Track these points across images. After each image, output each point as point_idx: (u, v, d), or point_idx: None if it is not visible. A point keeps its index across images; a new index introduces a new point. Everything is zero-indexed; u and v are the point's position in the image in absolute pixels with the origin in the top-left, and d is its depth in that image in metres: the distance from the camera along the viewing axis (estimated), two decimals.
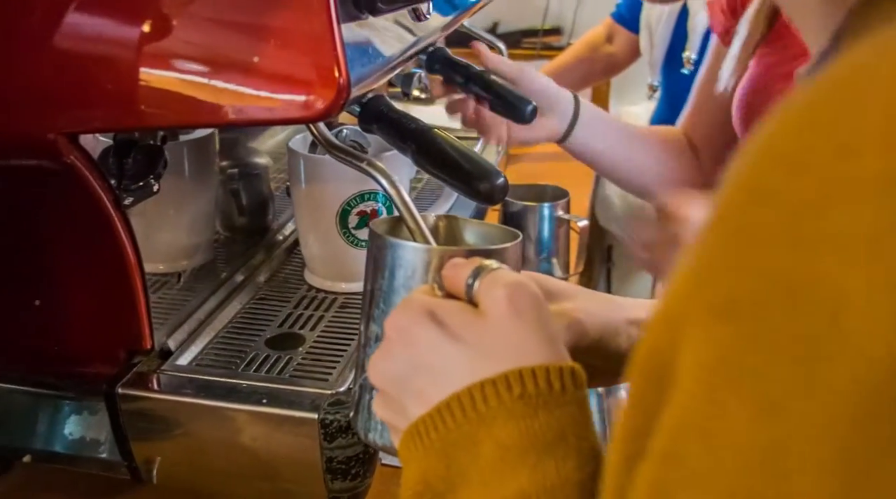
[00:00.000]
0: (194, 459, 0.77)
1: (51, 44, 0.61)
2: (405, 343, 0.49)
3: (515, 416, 0.44)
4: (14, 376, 0.84)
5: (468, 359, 0.46)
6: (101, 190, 0.69)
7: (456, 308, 0.48)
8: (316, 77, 0.57)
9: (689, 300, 0.26)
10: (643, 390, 0.29)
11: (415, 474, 0.47)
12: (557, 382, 0.45)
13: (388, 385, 0.49)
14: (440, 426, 0.45)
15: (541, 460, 0.42)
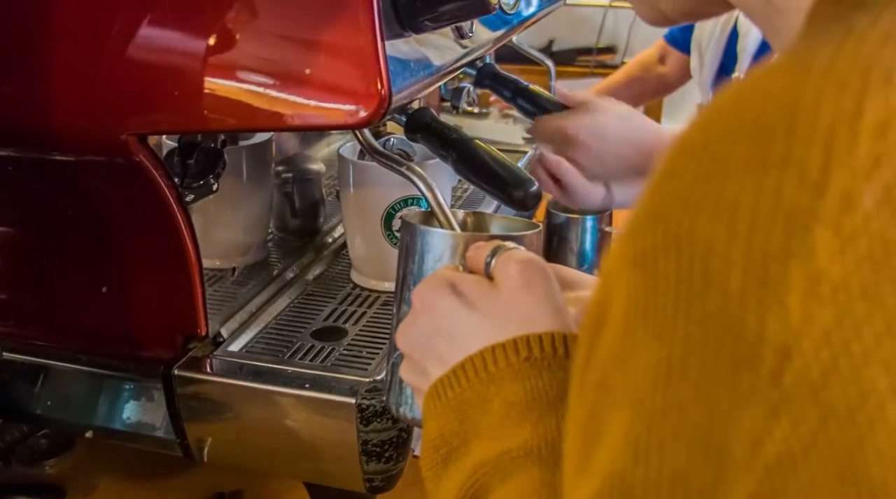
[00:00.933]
0: (242, 438, 0.83)
1: (126, 52, 0.68)
2: (428, 311, 0.55)
3: (521, 377, 0.49)
4: (80, 358, 0.91)
5: (482, 325, 0.52)
6: (165, 187, 0.76)
7: (473, 280, 0.55)
8: (360, 88, 0.63)
9: (617, 255, 0.31)
10: (587, 335, 0.34)
11: (433, 430, 0.52)
12: (562, 347, 0.50)
13: (413, 350, 0.56)
14: (455, 386, 0.51)
15: (543, 417, 0.48)
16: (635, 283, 0.30)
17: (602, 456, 0.30)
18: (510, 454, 0.48)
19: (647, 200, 0.31)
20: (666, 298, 0.28)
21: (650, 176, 0.31)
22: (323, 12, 0.64)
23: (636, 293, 0.30)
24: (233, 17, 0.65)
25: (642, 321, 0.29)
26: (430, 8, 0.68)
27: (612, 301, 0.31)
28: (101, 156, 0.74)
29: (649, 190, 0.31)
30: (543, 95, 1.21)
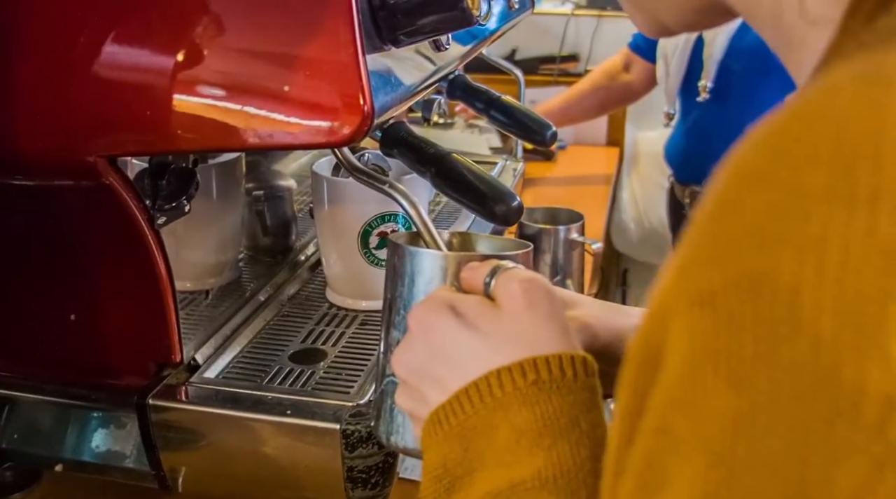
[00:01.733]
0: (220, 468, 0.80)
1: (93, 73, 0.65)
2: (426, 334, 0.52)
3: (530, 401, 0.47)
4: (48, 388, 0.88)
5: (485, 348, 0.50)
6: (136, 209, 0.73)
7: (474, 301, 0.52)
8: (342, 105, 0.61)
9: (673, 293, 0.29)
10: (636, 375, 0.32)
11: (434, 459, 0.50)
12: (570, 369, 0.48)
13: (409, 375, 0.53)
14: (458, 412, 0.49)
15: (556, 443, 0.46)
16: (703, 325, 0.28)
17: None
18: (524, 485, 0.45)
19: (705, 232, 0.29)
20: (742, 343, 0.26)
21: (700, 204, 0.29)
22: (301, 26, 0.62)
23: (704, 336, 0.27)
24: (206, 33, 0.63)
25: (713, 366, 0.27)
26: (411, 20, 0.66)
27: (670, 342, 0.29)
28: (68, 179, 0.71)
29: (706, 221, 0.29)
30: (516, 106, 1.20)
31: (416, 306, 0.55)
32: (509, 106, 1.18)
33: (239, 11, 0.63)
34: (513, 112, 1.18)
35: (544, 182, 2.30)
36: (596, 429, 0.48)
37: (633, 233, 2.84)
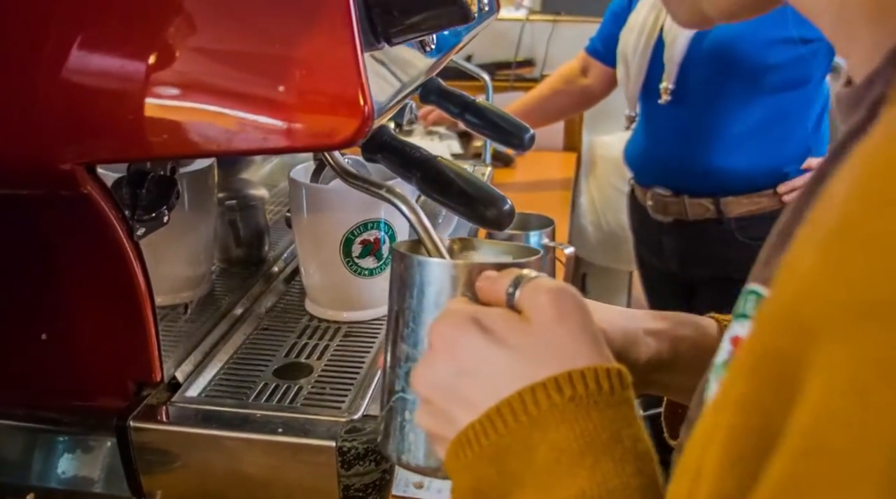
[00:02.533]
0: (207, 491, 0.76)
1: (73, 75, 0.61)
2: (450, 351, 0.49)
3: (568, 418, 0.44)
4: (18, 413, 0.83)
5: (516, 364, 0.47)
6: (115, 220, 0.69)
7: (501, 315, 0.49)
8: (342, 106, 0.58)
9: (822, 304, 0.27)
10: (758, 390, 0.29)
11: (465, 482, 0.47)
12: (606, 382, 0.45)
13: (433, 394, 0.50)
14: (491, 432, 0.46)
15: (598, 462, 0.43)
16: (871, 337, 0.25)
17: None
18: None
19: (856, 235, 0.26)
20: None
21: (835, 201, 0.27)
22: (296, 24, 0.58)
23: (874, 350, 0.25)
24: (195, 33, 0.59)
25: (886, 382, 0.24)
26: (408, 16, 0.63)
27: (819, 354, 0.26)
28: (43, 188, 0.67)
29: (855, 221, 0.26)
30: (491, 109, 1.17)
31: (437, 321, 0.52)
32: (485, 109, 1.16)
33: (228, 10, 0.59)
34: (488, 115, 1.16)
35: (506, 188, 2.27)
36: (637, 443, 0.45)
37: (591, 236, 2.84)
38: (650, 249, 2.04)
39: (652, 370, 0.65)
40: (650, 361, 0.64)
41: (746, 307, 0.42)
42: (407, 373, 0.57)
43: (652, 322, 0.65)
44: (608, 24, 2.13)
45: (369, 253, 0.92)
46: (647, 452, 0.45)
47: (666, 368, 0.65)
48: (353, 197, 0.91)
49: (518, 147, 1.14)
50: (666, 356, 0.65)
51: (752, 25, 1.68)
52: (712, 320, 0.69)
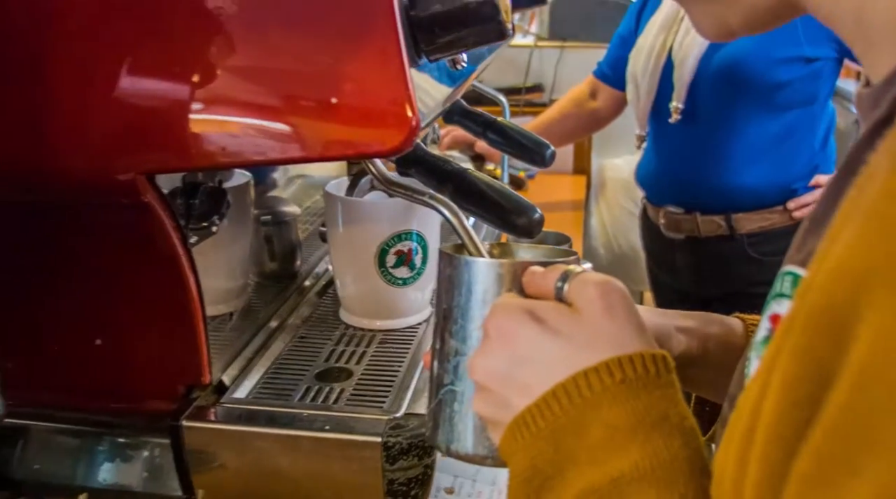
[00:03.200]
0: (255, 488, 0.80)
1: (136, 89, 0.66)
2: (506, 341, 0.53)
3: (619, 399, 0.48)
4: (71, 417, 0.87)
5: (568, 351, 0.51)
6: (171, 228, 0.73)
7: (552, 306, 0.53)
8: (391, 116, 0.62)
9: (872, 257, 0.30)
10: (812, 340, 0.33)
11: (522, 461, 0.51)
12: (652, 367, 0.50)
13: (490, 381, 0.54)
14: (547, 414, 0.50)
15: (649, 437, 0.47)
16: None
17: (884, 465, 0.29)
18: (623, 479, 0.46)
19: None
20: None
21: (877, 177, 0.31)
22: (347, 40, 0.63)
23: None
24: (254, 50, 0.64)
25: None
26: (448, 33, 0.67)
27: (868, 306, 0.30)
28: (106, 197, 0.71)
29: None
30: (513, 127, 1.22)
31: (491, 314, 0.56)
32: (506, 127, 1.21)
33: (285, 27, 0.64)
34: (510, 133, 1.20)
35: None
36: (684, 420, 0.49)
37: (602, 258, 2.88)
38: (663, 268, 2.08)
39: (682, 366, 0.69)
40: (681, 357, 0.68)
41: (784, 287, 0.46)
42: (455, 367, 0.61)
43: (682, 320, 0.69)
44: (616, 48, 2.18)
45: (403, 263, 0.96)
46: (692, 428, 0.49)
47: (695, 364, 0.69)
48: (387, 209, 0.95)
49: (539, 163, 1.18)
50: (696, 352, 0.69)
51: (759, 45, 1.72)
52: (738, 320, 0.73)
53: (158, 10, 0.65)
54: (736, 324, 0.72)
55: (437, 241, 0.99)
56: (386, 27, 0.63)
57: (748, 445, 0.37)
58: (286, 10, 0.63)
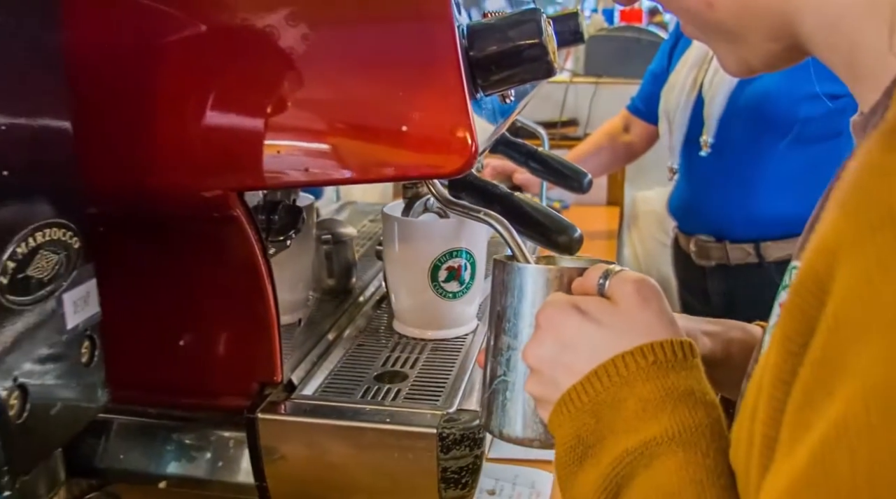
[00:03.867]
0: (322, 476, 0.89)
1: (231, 116, 0.76)
2: (555, 330, 0.63)
3: (652, 377, 0.57)
4: (151, 412, 0.97)
5: (609, 337, 0.60)
6: (254, 240, 0.83)
7: (595, 300, 0.63)
8: (455, 142, 0.72)
9: (841, 230, 0.39)
10: (800, 301, 0.42)
11: (568, 432, 0.60)
12: (680, 351, 0.59)
13: (541, 365, 0.63)
14: (590, 390, 0.59)
15: (676, 408, 0.56)
16: (873, 246, 0.37)
17: (849, 384, 0.38)
18: (654, 442, 0.55)
19: (860, 189, 0.39)
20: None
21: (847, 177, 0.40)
22: (417, 77, 0.73)
23: (876, 253, 0.37)
24: (337, 85, 0.74)
25: (886, 274, 0.37)
26: (502, 70, 0.77)
27: (838, 266, 0.39)
28: (199, 211, 0.81)
29: (861, 181, 0.39)
30: (554, 157, 1.32)
31: (542, 308, 0.65)
32: (547, 157, 1.31)
33: (365, 67, 0.74)
34: (550, 162, 1.30)
35: None
36: (706, 395, 0.58)
37: None
38: (694, 295, 2.16)
39: (708, 367, 0.77)
40: (706, 358, 0.76)
41: (789, 279, 0.55)
42: (508, 360, 0.70)
43: (707, 325, 0.78)
44: (648, 84, 2.28)
45: (453, 278, 1.05)
46: (713, 401, 0.58)
47: (719, 365, 0.77)
48: (440, 229, 1.05)
49: (578, 190, 1.28)
50: (720, 355, 0.77)
51: (785, 83, 1.81)
52: (759, 327, 0.81)
53: (254, 53, 0.75)
54: (756, 330, 0.80)
55: (484, 258, 1.08)
56: (449, 66, 0.73)
57: (758, 394, 0.46)
58: (366, 52, 0.73)
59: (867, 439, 0.36)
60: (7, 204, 0.62)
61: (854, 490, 0.36)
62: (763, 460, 0.44)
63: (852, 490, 0.36)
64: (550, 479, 1.20)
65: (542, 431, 0.69)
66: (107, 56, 0.78)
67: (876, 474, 0.35)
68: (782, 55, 0.58)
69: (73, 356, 0.71)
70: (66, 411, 0.70)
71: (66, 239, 0.69)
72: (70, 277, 0.70)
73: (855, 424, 0.36)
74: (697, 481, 0.53)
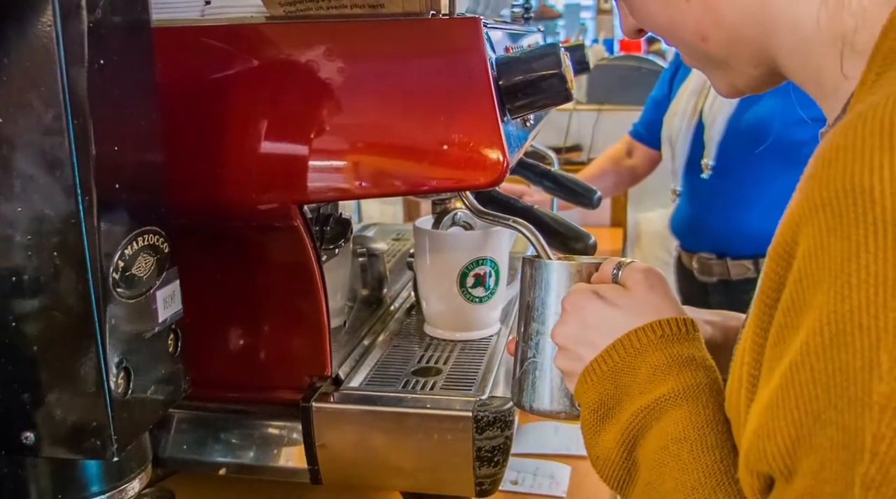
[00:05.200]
0: (369, 458, 1.00)
1: (292, 138, 0.88)
2: (579, 313, 0.74)
3: (660, 347, 0.69)
4: (210, 406, 1.08)
5: (623, 317, 0.72)
6: (311, 248, 0.95)
7: (611, 287, 0.75)
8: (490, 160, 0.84)
9: (803, 209, 0.51)
10: (774, 265, 0.53)
11: (591, 397, 0.71)
12: (683, 326, 0.70)
13: (568, 342, 0.75)
14: (609, 361, 0.71)
15: (681, 371, 0.68)
16: (820, 220, 0.49)
17: (809, 319, 0.49)
18: (662, 398, 0.67)
19: (813, 176, 0.50)
20: (844, 223, 0.48)
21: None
22: (455, 102, 0.85)
23: (827, 223, 0.49)
24: (385, 111, 0.86)
25: (831, 237, 0.48)
26: (527, 96, 0.89)
27: (800, 236, 0.50)
28: (263, 221, 0.92)
29: (813, 171, 0.51)
30: (565, 176, 1.44)
31: (567, 296, 0.77)
32: (559, 176, 1.43)
33: (410, 94, 0.86)
34: (563, 181, 1.42)
35: None
36: (706, 361, 0.70)
37: None
38: None
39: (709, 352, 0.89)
40: (707, 344, 0.87)
41: None
42: (537, 343, 0.82)
43: (709, 315, 0.90)
44: (650, 110, 2.40)
45: (480, 284, 1.17)
46: (712, 366, 0.69)
47: (719, 350, 0.88)
48: (467, 239, 1.17)
49: (588, 206, 1.40)
50: (720, 341, 0.88)
51: (781, 107, 1.93)
52: None
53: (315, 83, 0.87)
54: None
55: (507, 267, 1.20)
56: (484, 93, 0.85)
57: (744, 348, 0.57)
58: (411, 82, 0.86)
59: (823, 356, 0.47)
60: (118, 213, 0.74)
61: (815, 400, 0.48)
62: (749, 395, 0.56)
63: (813, 400, 0.48)
64: (568, 471, 1.31)
65: (568, 404, 0.80)
66: (187, 91, 0.90)
67: (830, 383, 0.47)
68: (763, 79, 0.70)
69: (163, 346, 0.83)
70: (158, 394, 0.82)
71: (158, 244, 0.80)
72: (161, 277, 0.81)
73: (814, 347, 0.48)
74: (699, 427, 0.65)
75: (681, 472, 0.64)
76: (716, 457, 0.63)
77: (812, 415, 0.48)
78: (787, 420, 0.49)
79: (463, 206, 1.14)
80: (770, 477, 0.52)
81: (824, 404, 0.47)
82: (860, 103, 0.54)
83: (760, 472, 0.53)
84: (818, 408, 0.48)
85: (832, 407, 0.47)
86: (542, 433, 1.41)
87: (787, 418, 0.49)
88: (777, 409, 0.50)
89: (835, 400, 0.47)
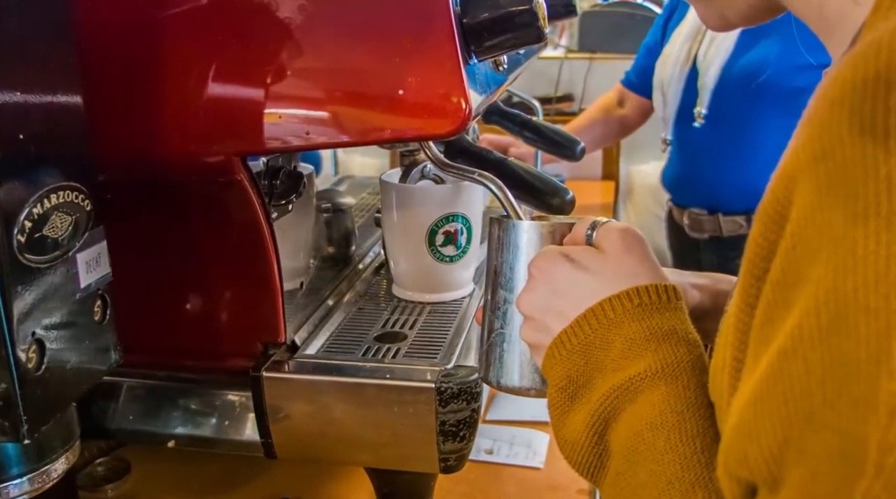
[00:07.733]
0: (326, 431, 0.92)
1: (239, 82, 0.79)
2: (546, 278, 0.66)
3: (637, 318, 0.61)
4: (159, 374, 1.00)
5: (595, 283, 0.64)
6: (258, 204, 0.86)
7: (583, 249, 0.66)
8: (450, 106, 0.75)
9: (799, 159, 0.42)
10: (765, 228, 0.45)
11: (559, 373, 0.63)
12: (664, 294, 0.62)
13: (533, 311, 0.66)
14: (579, 333, 0.62)
15: (660, 346, 0.59)
16: (819, 170, 0.40)
17: (803, 296, 0.41)
18: (639, 377, 0.59)
19: (809, 122, 0.41)
20: (850, 178, 0.39)
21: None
22: (412, 43, 0.76)
23: (824, 179, 0.40)
24: (335, 52, 0.77)
25: (831, 196, 0.39)
26: (494, 37, 0.80)
27: (795, 193, 0.42)
28: (205, 175, 0.84)
29: (810, 116, 0.42)
30: (547, 126, 1.35)
31: (535, 259, 0.68)
32: (540, 126, 1.34)
33: (363, 34, 0.77)
34: (544, 131, 1.33)
35: None
36: (688, 334, 0.61)
37: None
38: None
39: (697, 318, 0.80)
40: (695, 310, 0.79)
41: None
42: (504, 313, 0.74)
43: (696, 278, 0.81)
44: (642, 57, 2.30)
45: (450, 242, 1.08)
46: (695, 340, 0.61)
47: (708, 317, 0.80)
48: (437, 194, 1.08)
49: (571, 158, 1.31)
50: (708, 306, 0.80)
51: (779, 53, 1.84)
52: None
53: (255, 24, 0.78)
54: None
55: (480, 223, 1.11)
56: (444, 32, 0.76)
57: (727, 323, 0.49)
58: (363, 20, 0.76)
59: (819, 344, 0.39)
60: (24, 168, 0.65)
61: (807, 394, 0.39)
62: (733, 381, 0.47)
63: (806, 394, 0.39)
64: (546, 439, 1.24)
65: (538, 380, 0.72)
66: (113, 30, 0.81)
67: (827, 378, 0.38)
68: (758, 8, 0.61)
69: (87, 314, 0.74)
70: (81, 366, 0.74)
71: (78, 201, 0.72)
72: (82, 238, 0.73)
73: (808, 332, 0.39)
74: (678, 412, 0.56)
75: (655, 463, 0.56)
76: (696, 447, 0.55)
77: (804, 415, 0.39)
78: (774, 419, 0.41)
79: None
80: (752, 484, 0.44)
81: (819, 403, 0.39)
82: (873, 31, 0.45)
83: (741, 477, 0.44)
84: (811, 407, 0.39)
85: (828, 407, 0.38)
86: (520, 399, 1.33)
87: (774, 416, 0.41)
88: (762, 404, 0.42)
89: (832, 399, 0.38)
